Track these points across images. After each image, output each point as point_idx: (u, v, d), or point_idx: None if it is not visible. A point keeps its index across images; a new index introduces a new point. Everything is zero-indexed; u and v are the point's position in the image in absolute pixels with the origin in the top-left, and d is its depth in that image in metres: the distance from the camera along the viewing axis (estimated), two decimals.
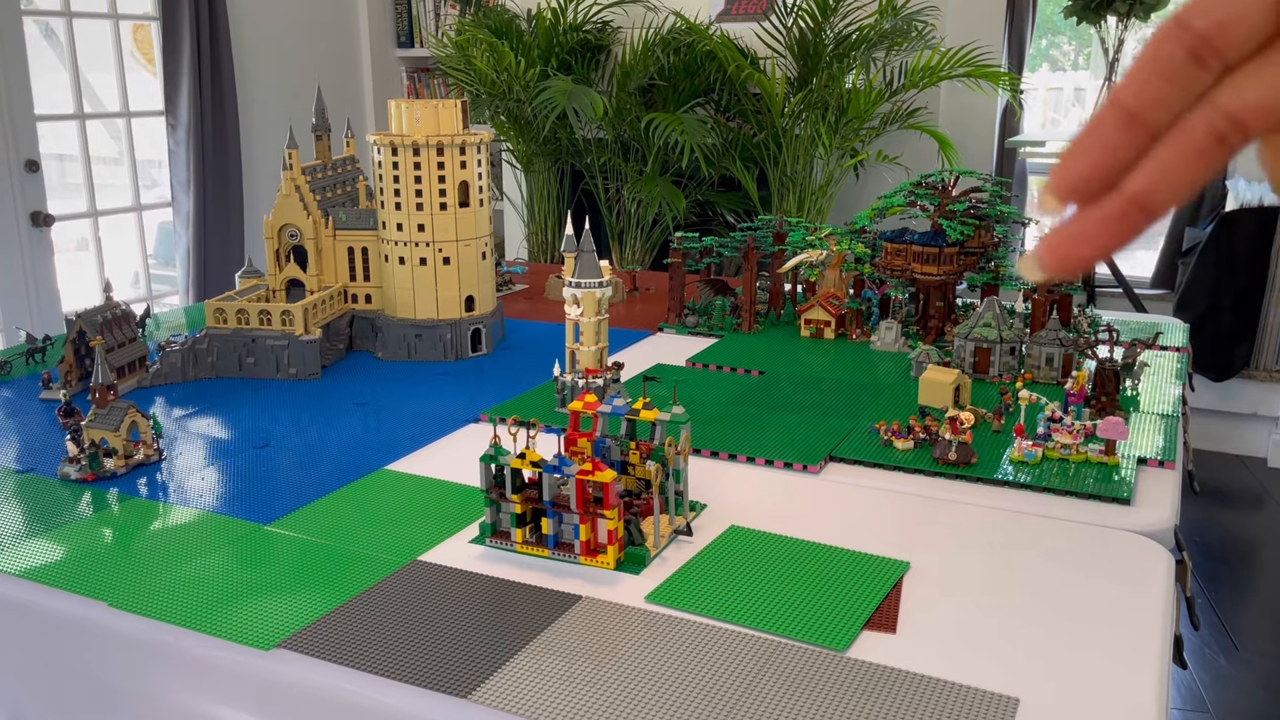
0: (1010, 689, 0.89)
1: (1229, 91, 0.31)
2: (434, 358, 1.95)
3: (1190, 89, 0.32)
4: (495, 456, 1.13)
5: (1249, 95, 0.31)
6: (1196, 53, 0.31)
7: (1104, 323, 1.99)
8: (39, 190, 3.43)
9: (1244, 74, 0.31)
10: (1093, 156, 0.32)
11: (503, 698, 0.88)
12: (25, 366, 1.92)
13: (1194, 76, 0.31)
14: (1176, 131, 0.32)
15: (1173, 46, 0.31)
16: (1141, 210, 0.32)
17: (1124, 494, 1.27)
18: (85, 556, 1.17)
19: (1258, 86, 0.31)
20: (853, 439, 1.47)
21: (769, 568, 1.11)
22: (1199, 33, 0.31)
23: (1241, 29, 0.31)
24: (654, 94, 4.01)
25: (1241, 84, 0.31)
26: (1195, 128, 0.32)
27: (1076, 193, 0.33)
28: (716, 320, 2.14)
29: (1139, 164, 0.32)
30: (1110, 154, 0.32)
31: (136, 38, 4.04)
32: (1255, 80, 0.31)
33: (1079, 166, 0.32)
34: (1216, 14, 0.31)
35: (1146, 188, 0.32)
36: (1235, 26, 0.31)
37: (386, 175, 1.89)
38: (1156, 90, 0.32)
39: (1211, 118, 0.31)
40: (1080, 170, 0.32)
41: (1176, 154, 0.32)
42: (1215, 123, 0.31)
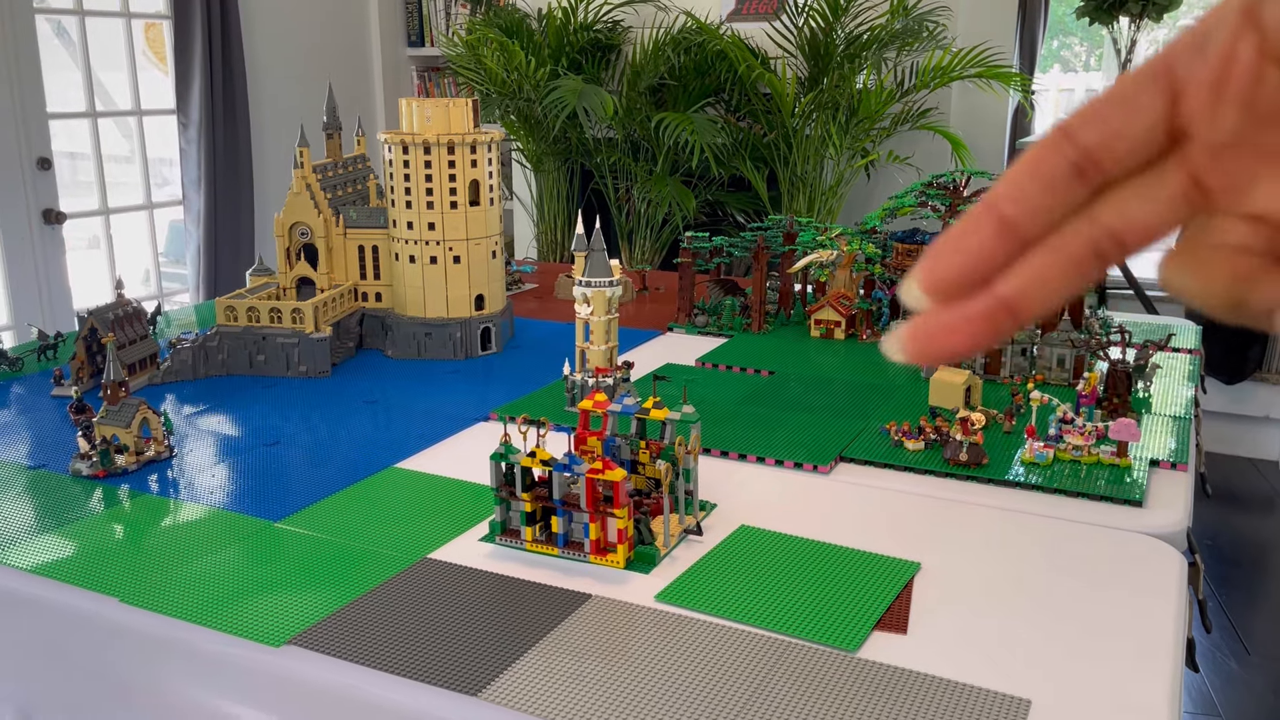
0: (1022, 690, 0.89)
1: (1112, 209, 0.31)
2: (444, 356, 1.95)
3: (1068, 202, 0.31)
4: (505, 455, 1.13)
5: (1133, 216, 0.31)
6: (1080, 166, 0.31)
7: (1115, 324, 1.98)
8: (51, 188, 3.45)
9: (1128, 192, 0.31)
10: (963, 259, 0.32)
11: (513, 696, 0.88)
12: (37, 363, 1.93)
13: (1074, 190, 0.31)
14: (1055, 241, 0.31)
15: (1056, 157, 0.31)
16: (1010, 313, 0.32)
17: (1136, 496, 1.26)
18: (97, 552, 1.17)
19: (1142, 207, 0.31)
20: (863, 439, 1.47)
21: (779, 568, 1.11)
22: (1084, 147, 0.31)
23: (1126, 146, 0.31)
24: (664, 93, 4.01)
25: (1125, 203, 0.31)
26: (1074, 240, 0.31)
27: (943, 293, 0.32)
28: (726, 320, 2.14)
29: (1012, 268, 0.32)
30: (982, 259, 0.32)
31: (148, 36, 4.06)
32: (1140, 202, 0.31)
33: (948, 266, 0.32)
34: (1103, 129, 0.31)
35: (1019, 293, 0.32)
36: (1121, 143, 0.31)
37: (397, 174, 1.89)
38: (1036, 200, 0.31)
39: (1092, 233, 0.31)
40: (949, 271, 0.32)
41: (1053, 264, 0.31)
42: (1096, 238, 0.31)
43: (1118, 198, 0.31)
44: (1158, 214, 0.31)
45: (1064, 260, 0.31)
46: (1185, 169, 0.30)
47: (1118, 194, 0.31)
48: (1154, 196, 0.30)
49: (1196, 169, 0.30)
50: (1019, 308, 0.32)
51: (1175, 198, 0.30)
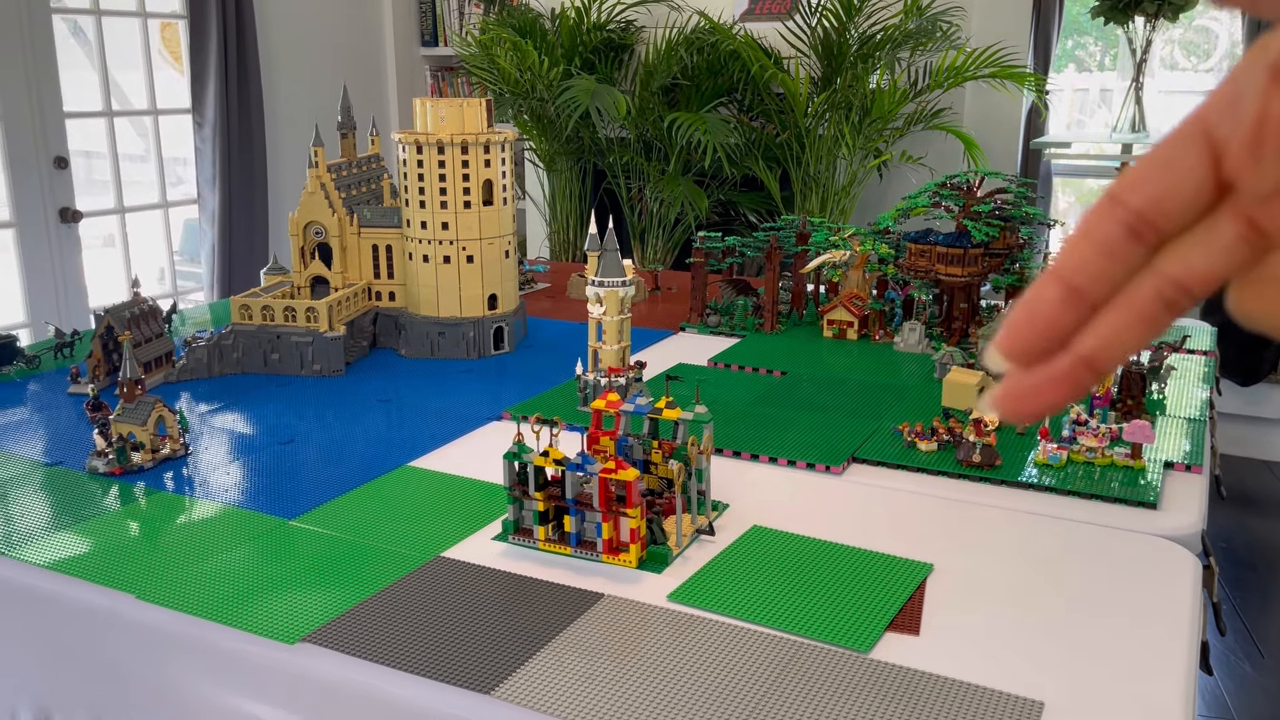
0: (1034, 693, 0.89)
1: (1175, 260, 0.32)
2: (457, 355, 1.96)
3: (1129, 264, 0.33)
4: (519, 454, 1.14)
5: (1195, 264, 0.32)
6: (1134, 229, 0.32)
7: None
8: (67, 186, 3.47)
9: (1187, 243, 0.32)
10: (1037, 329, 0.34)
11: (525, 694, 0.88)
12: (54, 360, 1.94)
13: (1133, 252, 0.32)
14: (1124, 299, 0.33)
15: (1110, 224, 0.32)
16: (1090, 370, 0.34)
17: (1150, 498, 1.26)
18: (112, 549, 1.18)
19: (1203, 255, 0.32)
20: (876, 440, 1.47)
21: (791, 568, 1.11)
22: (1135, 210, 0.32)
23: (1177, 204, 0.32)
24: (677, 93, 4.01)
25: (1187, 253, 0.32)
26: (1143, 296, 0.33)
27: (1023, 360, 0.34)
28: (738, 320, 2.14)
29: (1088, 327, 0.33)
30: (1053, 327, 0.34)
31: (164, 36, 4.08)
32: (1200, 250, 0.32)
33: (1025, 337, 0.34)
34: (1150, 190, 0.32)
35: (1096, 351, 0.33)
36: (1170, 202, 0.32)
37: (411, 173, 1.90)
38: (1097, 268, 0.33)
39: (1159, 286, 0.32)
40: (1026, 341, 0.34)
41: (1125, 320, 0.33)
42: (1163, 290, 0.32)
43: (1178, 249, 0.32)
44: (1219, 260, 0.32)
45: (1135, 315, 0.33)
46: (1239, 215, 0.31)
47: (1177, 246, 0.32)
48: (1213, 245, 0.32)
49: (1251, 215, 0.31)
50: (1098, 364, 0.33)
51: (1233, 243, 0.31)
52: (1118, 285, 0.33)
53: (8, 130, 3.28)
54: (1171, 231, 0.32)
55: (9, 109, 3.27)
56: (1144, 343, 0.33)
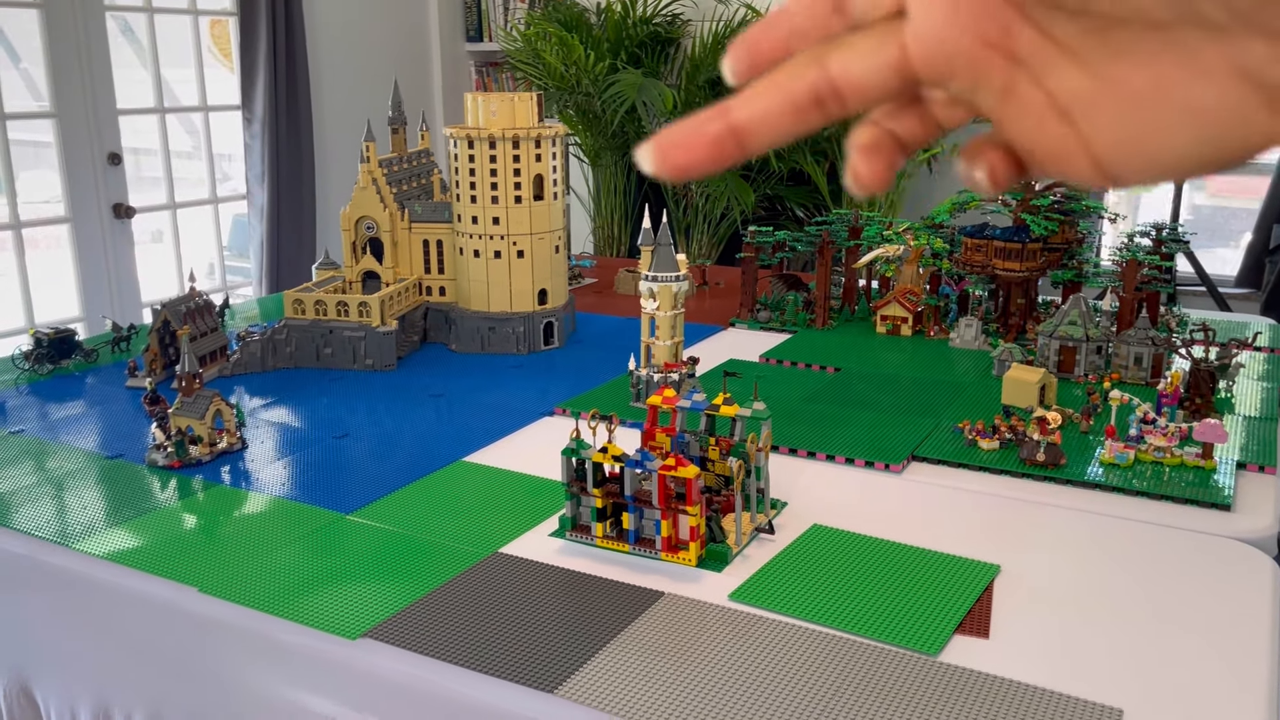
0: (1111, 699, 0.86)
1: (838, 60, 0.32)
2: (507, 350, 1.95)
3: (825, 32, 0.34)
4: (577, 450, 1.13)
5: (852, 70, 0.32)
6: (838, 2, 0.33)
7: (1193, 322, 1.93)
8: (121, 182, 3.52)
9: (854, 44, 0.32)
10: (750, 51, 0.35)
11: (590, 694, 0.87)
12: (111, 354, 1.96)
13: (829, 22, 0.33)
14: (782, 78, 0.33)
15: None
16: (735, 141, 0.34)
17: (1223, 499, 1.22)
18: (173, 542, 1.18)
19: (861, 65, 0.32)
20: (935, 438, 1.44)
21: (854, 568, 1.09)
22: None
23: None
24: (723, 87, 3.98)
25: (849, 57, 0.32)
26: (800, 83, 0.33)
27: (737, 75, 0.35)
28: (789, 316, 2.11)
29: (744, 95, 0.34)
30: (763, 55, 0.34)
31: (214, 33, 4.12)
32: (861, 59, 0.32)
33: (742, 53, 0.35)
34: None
35: (744, 122, 0.33)
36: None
37: (462, 168, 1.90)
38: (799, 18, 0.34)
39: (817, 79, 0.33)
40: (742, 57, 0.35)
41: (777, 101, 0.33)
42: (818, 85, 0.33)
43: (844, 51, 0.33)
44: (872, 75, 0.32)
45: (786, 98, 0.33)
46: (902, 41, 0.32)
47: (845, 46, 0.33)
48: (873, 58, 0.32)
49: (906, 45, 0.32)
50: (744, 139, 0.34)
51: (888, 64, 0.32)
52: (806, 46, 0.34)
53: (63, 127, 3.33)
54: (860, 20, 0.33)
55: (64, 106, 3.32)
56: (790, 135, 0.34)
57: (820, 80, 0.32)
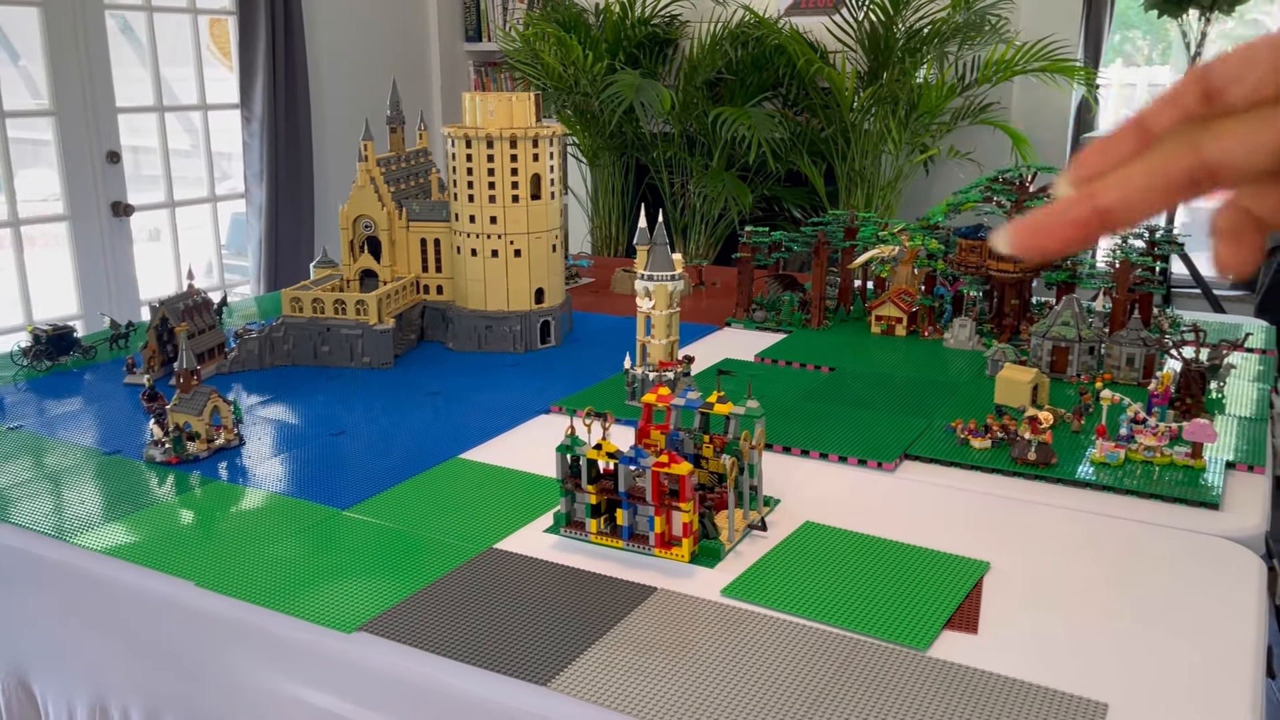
0: (1096, 694, 0.87)
1: (1211, 138, 0.34)
2: (504, 349, 1.96)
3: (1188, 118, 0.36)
4: (571, 447, 1.14)
5: (1231, 152, 0.34)
6: (1206, 93, 0.35)
7: (1185, 323, 1.94)
8: (120, 181, 3.52)
9: (1231, 133, 0.34)
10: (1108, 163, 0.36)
11: (583, 687, 0.88)
12: (109, 351, 1.97)
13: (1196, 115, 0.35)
14: (1157, 161, 0.35)
15: (1188, 86, 0.36)
16: (1103, 221, 0.35)
17: (1212, 499, 1.23)
18: (170, 537, 1.19)
19: (1240, 148, 0.34)
20: (928, 437, 1.45)
21: (845, 565, 1.10)
22: (1214, 78, 0.35)
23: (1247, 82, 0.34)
24: (721, 88, 3.99)
25: (1223, 134, 0.34)
26: (1174, 163, 0.34)
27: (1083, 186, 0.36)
28: (785, 315, 2.12)
29: (1111, 181, 0.35)
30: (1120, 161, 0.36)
31: (213, 32, 4.13)
32: (1239, 142, 0.34)
33: (1096, 167, 0.36)
34: (1233, 67, 0.35)
35: (1114, 203, 0.35)
36: (1243, 79, 0.34)
37: (460, 167, 1.91)
38: (1167, 116, 0.36)
39: (1193, 163, 0.34)
40: (1094, 169, 0.36)
41: (1151, 181, 0.35)
42: (1193, 164, 0.34)
43: (1217, 130, 0.34)
44: (1252, 156, 0.34)
45: (1162, 181, 0.35)
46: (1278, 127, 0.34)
47: (1219, 127, 0.34)
48: (1253, 141, 0.34)
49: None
50: (1112, 217, 0.35)
51: (1268, 147, 0.33)
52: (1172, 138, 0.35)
53: (62, 125, 3.34)
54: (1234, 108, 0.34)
55: (64, 104, 3.33)
56: (1158, 211, 0.35)
57: (1196, 164, 0.34)
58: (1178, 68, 4.06)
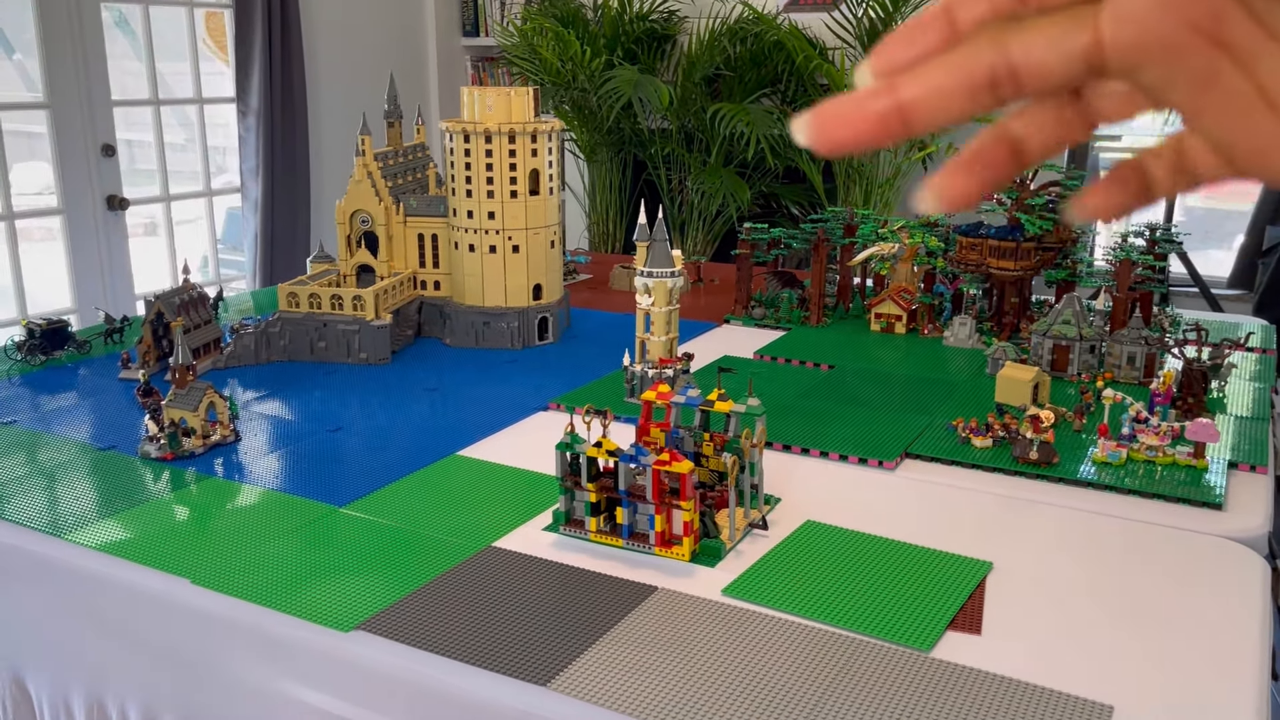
0: (1101, 696, 0.86)
1: (1020, 43, 0.31)
2: (501, 345, 1.95)
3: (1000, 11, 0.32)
4: (571, 444, 1.13)
5: (1035, 53, 0.31)
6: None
7: (1185, 322, 1.93)
8: (115, 174, 3.50)
9: (1041, 28, 0.31)
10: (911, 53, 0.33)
11: (583, 688, 0.87)
12: (104, 346, 1.96)
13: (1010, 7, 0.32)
14: (958, 58, 0.32)
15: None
16: (901, 118, 0.33)
17: (1215, 499, 1.23)
18: (166, 534, 1.18)
19: (1045, 49, 0.31)
20: (928, 435, 1.44)
21: (847, 564, 1.09)
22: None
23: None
24: (719, 84, 3.98)
25: (1034, 39, 0.31)
26: (977, 62, 0.32)
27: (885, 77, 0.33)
28: (784, 313, 2.11)
29: (914, 72, 0.32)
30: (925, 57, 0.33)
31: (209, 26, 4.10)
32: (1046, 43, 0.31)
33: (899, 57, 0.33)
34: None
35: (914, 100, 0.32)
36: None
37: (458, 162, 1.89)
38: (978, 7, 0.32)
39: (995, 61, 0.31)
40: (898, 63, 0.33)
41: (951, 79, 0.32)
42: (996, 66, 0.31)
43: (1028, 34, 0.31)
44: (1058, 60, 0.31)
45: (961, 77, 0.32)
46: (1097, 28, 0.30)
47: (1028, 28, 0.31)
48: (1061, 43, 0.31)
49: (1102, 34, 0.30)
50: (910, 117, 0.32)
51: (1079, 51, 0.31)
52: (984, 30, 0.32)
53: (57, 118, 3.32)
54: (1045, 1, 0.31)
55: (58, 97, 3.30)
56: (958, 113, 0.32)
57: (1000, 62, 0.31)
58: None
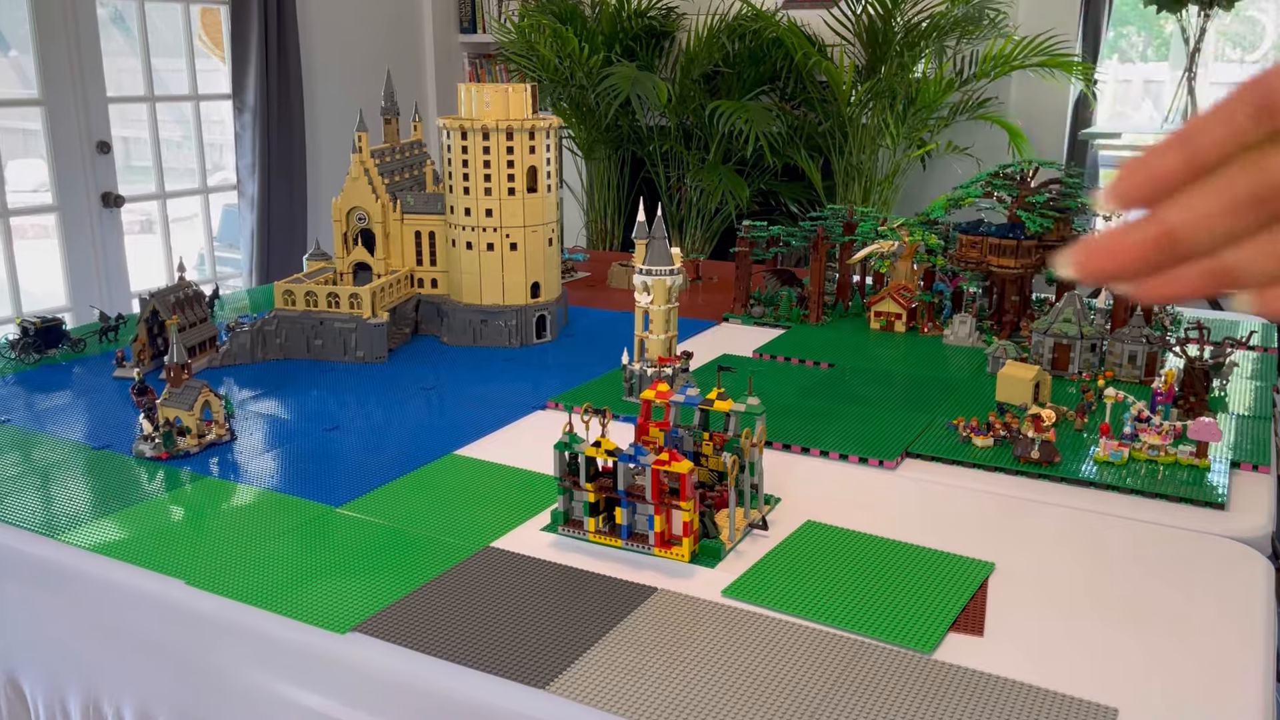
0: (1105, 698, 0.86)
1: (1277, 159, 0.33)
2: (499, 343, 1.94)
3: (1244, 141, 0.33)
4: (570, 444, 1.11)
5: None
6: (1261, 109, 0.33)
7: (1186, 320, 1.92)
8: (110, 171, 3.49)
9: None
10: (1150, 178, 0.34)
11: (582, 690, 0.86)
12: (99, 344, 1.95)
13: (1251, 131, 0.33)
14: (1222, 183, 0.33)
15: (1240, 102, 0.34)
16: (1169, 241, 0.34)
17: (1218, 498, 1.22)
18: (161, 534, 1.17)
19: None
20: (929, 435, 1.43)
21: (848, 565, 1.08)
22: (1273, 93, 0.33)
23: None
24: (718, 81, 3.97)
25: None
26: (1240, 185, 0.33)
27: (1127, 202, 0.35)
28: (783, 311, 2.10)
29: (1177, 201, 0.34)
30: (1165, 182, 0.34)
31: (205, 23, 4.09)
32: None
33: (1138, 183, 0.35)
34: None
35: (1180, 223, 0.34)
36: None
37: (455, 159, 1.88)
38: (1217, 133, 0.33)
39: (1256, 179, 0.33)
40: (1138, 187, 0.34)
41: (1216, 203, 0.33)
42: (1258, 184, 0.33)
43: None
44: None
45: (1226, 200, 0.33)
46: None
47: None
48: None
49: None
50: (1179, 239, 0.34)
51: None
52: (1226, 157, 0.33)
53: (51, 115, 3.30)
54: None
55: (53, 94, 3.29)
56: (1225, 233, 0.33)
57: (1261, 182, 0.33)
58: (1176, 64, 4.04)
